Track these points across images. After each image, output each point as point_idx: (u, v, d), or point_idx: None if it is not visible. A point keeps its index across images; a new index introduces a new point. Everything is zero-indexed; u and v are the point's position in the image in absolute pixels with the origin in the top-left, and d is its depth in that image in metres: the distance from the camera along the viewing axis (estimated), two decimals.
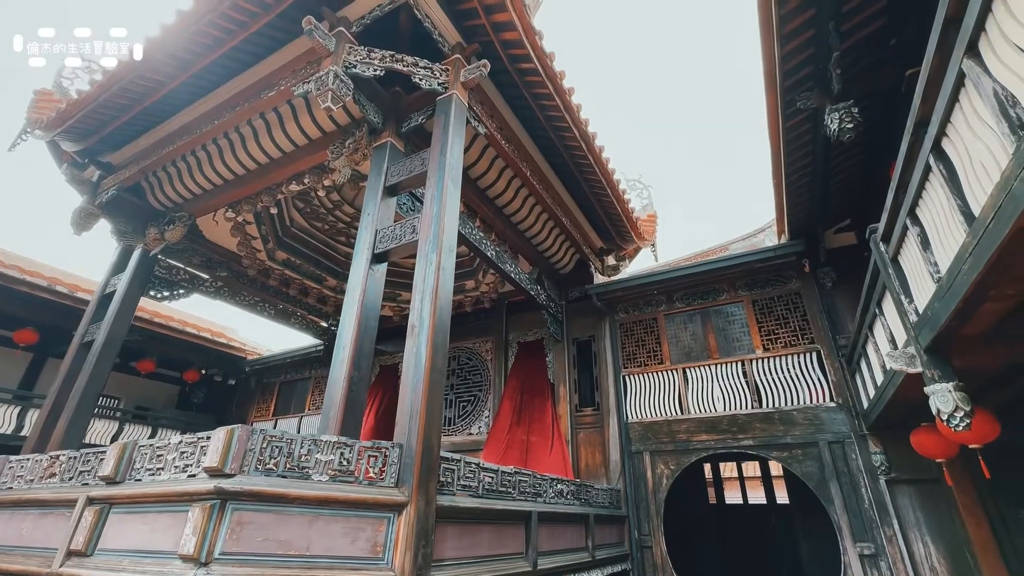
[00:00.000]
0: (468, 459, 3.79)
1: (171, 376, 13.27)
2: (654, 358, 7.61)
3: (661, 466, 6.84)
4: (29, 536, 3.65)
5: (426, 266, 3.87)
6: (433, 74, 4.73)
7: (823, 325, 6.58)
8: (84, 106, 5.73)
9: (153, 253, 6.75)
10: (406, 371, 3.54)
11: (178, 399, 13.85)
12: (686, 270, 7.45)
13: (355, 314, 4.03)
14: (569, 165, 6.69)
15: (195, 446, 3.13)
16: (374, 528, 2.95)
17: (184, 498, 2.87)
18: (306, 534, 2.84)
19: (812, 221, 6.40)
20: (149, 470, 3.29)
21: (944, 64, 2.09)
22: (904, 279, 3.28)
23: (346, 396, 3.71)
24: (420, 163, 4.56)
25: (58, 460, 4.00)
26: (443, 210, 4.08)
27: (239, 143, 5.99)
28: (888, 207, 3.18)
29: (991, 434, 3.57)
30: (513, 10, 4.69)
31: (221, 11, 4.53)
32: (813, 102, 4.35)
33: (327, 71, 4.33)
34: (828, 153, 5.15)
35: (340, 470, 3.06)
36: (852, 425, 5.94)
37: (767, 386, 6.62)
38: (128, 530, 3.08)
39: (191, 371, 11.70)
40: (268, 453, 2.96)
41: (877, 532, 5.43)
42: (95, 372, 6.14)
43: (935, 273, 2.69)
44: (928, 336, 2.98)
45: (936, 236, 2.64)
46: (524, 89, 5.49)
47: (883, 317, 4.06)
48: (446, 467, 3.54)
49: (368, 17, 4.66)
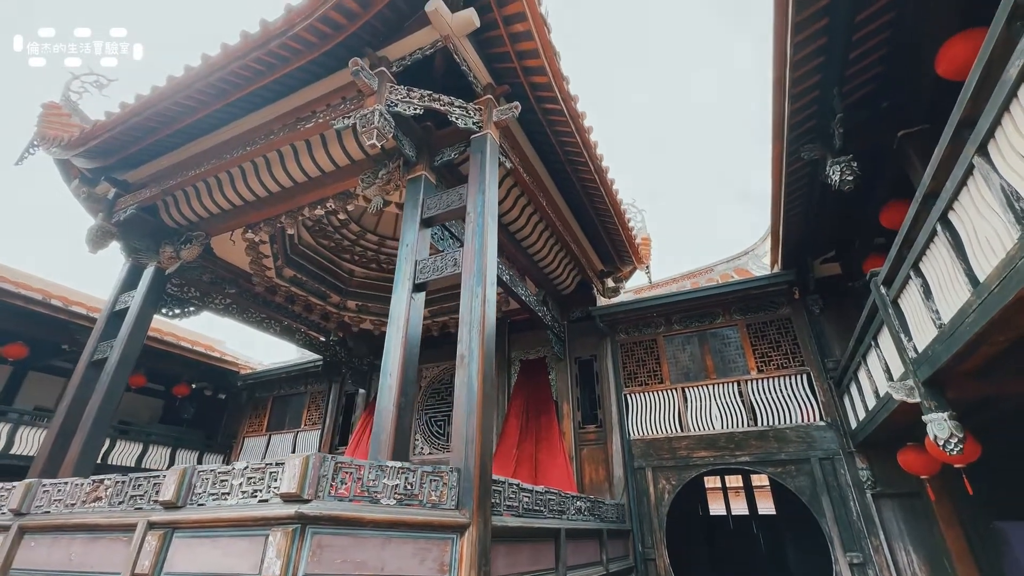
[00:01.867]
0: (510, 480, 4.05)
1: (155, 390, 13.00)
2: (654, 377, 8.01)
3: (663, 481, 7.20)
4: (80, 561, 3.70)
5: (471, 299, 4.13)
6: (468, 113, 5.03)
7: (812, 349, 7.11)
8: (111, 128, 5.77)
9: (169, 272, 6.77)
10: (458, 399, 3.78)
11: (162, 413, 13.54)
12: (685, 295, 7.91)
13: (400, 342, 4.25)
14: (580, 194, 7.07)
15: (264, 472, 3.29)
16: (440, 549, 3.18)
17: (261, 522, 3.04)
18: (380, 555, 3.04)
19: (803, 252, 6.94)
20: (212, 495, 3.42)
21: (956, 154, 2.52)
22: (904, 320, 3.73)
23: (396, 422, 3.91)
24: (458, 198, 4.83)
25: (102, 484, 4.05)
26: (485, 246, 4.36)
27: (264, 167, 6.13)
28: (892, 257, 3.64)
29: (974, 454, 4.06)
30: (544, 57, 5.04)
31: (268, 48, 4.73)
32: (816, 153, 4.83)
33: (372, 109, 4.58)
34: (823, 195, 5.67)
35: (405, 494, 3.28)
36: (841, 443, 6.44)
37: (761, 405, 7.08)
38: (197, 554, 3.21)
39: (181, 385, 11.51)
40: (339, 479, 3.16)
41: (865, 542, 5.90)
42: (109, 391, 6.11)
43: (936, 320, 3.13)
44: (927, 372, 3.42)
45: (938, 288, 3.08)
46: (547, 127, 5.85)
47: (879, 349, 4.53)
48: (494, 488, 3.78)
49: (409, 59, 4.94)
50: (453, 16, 4.62)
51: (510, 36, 4.99)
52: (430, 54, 4.90)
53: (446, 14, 4.54)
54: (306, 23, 4.55)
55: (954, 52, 3.45)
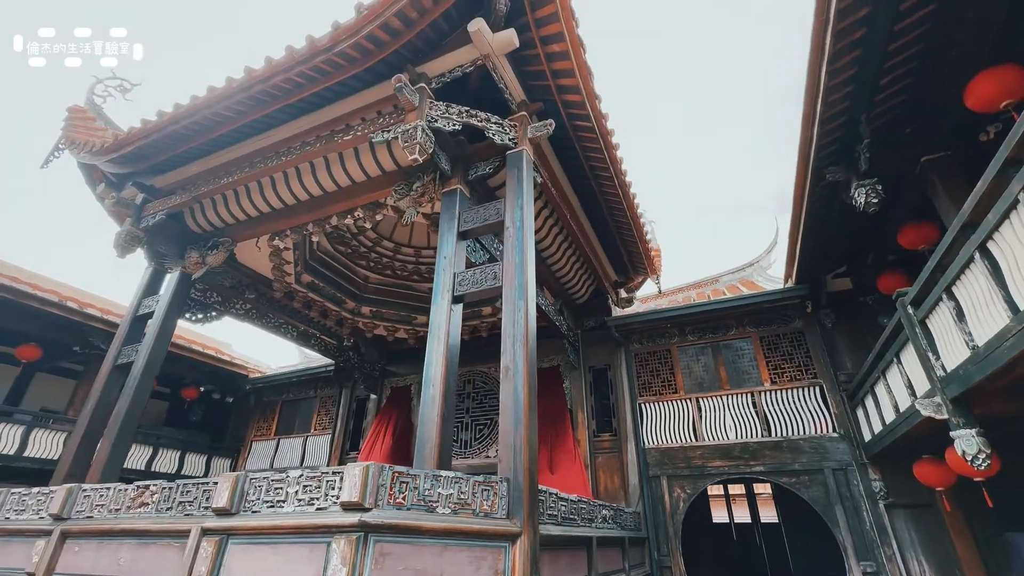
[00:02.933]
0: (549, 489, 4.16)
1: (161, 392, 12.94)
2: (668, 387, 8.15)
3: (678, 490, 7.33)
4: (130, 567, 3.75)
5: (514, 312, 4.25)
6: (504, 130, 5.17)
7: (825, 362, 7.29)
8: (147, 135, 5.84)
9: (195, 277, 6.81)
10: (504, 410, 3.89)
11: (167, 415, 13.49)
12: (700, 307, 8.07)
13: (442, 353, 4.35)
14: (601, 206, 7.22)
15: (320, 480, 3.38)
16: (494, 557, 3.28)
17: (322, 530, 3.12)
18: (438, 563, 3.14)
19: (817, 268, 7.14)
20: (267, 502, 3.50)
21: (999, 189, 2.68)
22: (932, 339, 3.90)
23: (440, 432, 4.01)
24: (495, 212, 4.96)
25: (147, 490, 4.11)
26: (525, 261, 4.49)
27: (294, 176, 6.21)
28: (923, 280, 3.80)
29: (994, 468, 4.23)
30: (579, 76, 5.20)
31: (313, 64, 4.84)
32: (839, 175, 5.02)
33: (415, 125, 4.70)
34: (841, 214, 5.86)
35: (459, 503, 3.37)
36: (853, 454, 6.61)
37: (775, 416, 7.25)
38: (255, 560, 3.28)
39: (189, 388, 11.49)
40: (397, 488, 3.26)
41: (878, 552, 6.06)
42: (136, 395, 6.14)
43: (969, 341, 3.29)
44: (956, 390, 3.59)
45: (972, 312, 3.24)
46: (576, 143, 5.99)
47: (901, 366, 4.70)
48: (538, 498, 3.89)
49: (449, 76, 5.07)
50: (494, 36, 4.76)
51: (546, 55, 5.15)
52: (469, 71, 5.03)
53: (487, 34, 4.68)
54: (351, 40, 4.67)
55: (983, 87, 3.64)
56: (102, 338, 9.38)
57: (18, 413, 8.84)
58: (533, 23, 4.93)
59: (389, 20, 4.58)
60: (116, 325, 9.22)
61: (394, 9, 4.52)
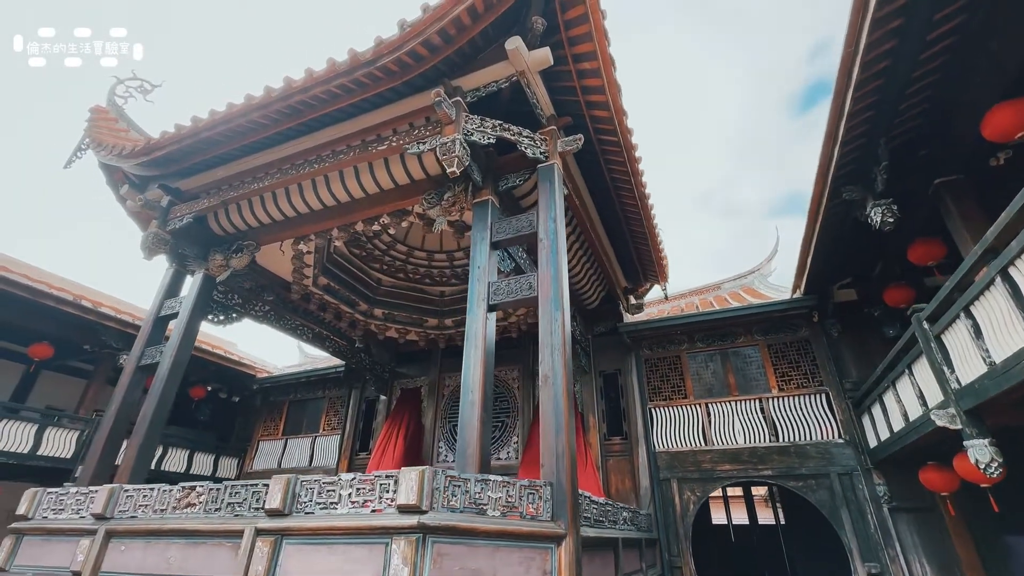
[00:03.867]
0: (584, 493, 4.33)
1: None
2: (678, 392, 8.38)
3: (688, 493, 7.55)
4: (181, 565, 3.86)
5: (551, 323, 4.42)
6: (535, 143, 5.33)
7: (831, 370, 7.56)
8: (179, 140, 5.92)
9: (220, 279, 6.89)
10: (545, 417, 4.06)
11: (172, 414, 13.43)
12: (710, 315, 8.31)
13: (480, 359, 4.50)
14: (619, 215, 7.41)
15: (373, 484, 3.54)
16: (542, 558, 3.44)
17: (380, 531, 3.28)
18: (491, 563, 3.30)
19: (825, 280, 7.39)
20: (320, 504, 3.64)
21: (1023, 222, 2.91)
22: (947, 354, 4.14)
23: (480, 435, 4.17)
24: (528, 224, 5.12)
25: (194, 491, 4.22)
26: (560, 273, 4.66)
27: (323, 182, 6.32)
28: (940, 298, 4.04)
29: (1002, 476, 4.48)
30: (609, 93, 5.39)
31: (354, 76, 4.97)
32: (857, 195, 5.26)
33: (453, 139, 4.86)
34: (853, 230, 6.10)
35: (508, 506, 3.54)
36: (859, 460, 6.87)
37: (782, 422, 7.50)
38: (312, 560, 3.42)
39: (197, 387, 11.49)
40: (450, 491, 3.41)
41: (882, 554, 6.33)
42: (163, 397, 6.23)
43: (987, 358, 3.53)
44: (971, 402, 3.82)
45: (990, 331, 3.47)
46: (600, 155, 6.18)
47: (912, 377, 4.95)
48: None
49: (484, 90, 5.22)
50: (530, 54, 4.92)
51: (577, 72, 5.33)
52: (504, 87, 5.19)
53: (524, 52, 4.85)
54: (393, 56, 4.81)
55: (999, 119, 3.89)
56: (114, 337, 9.40)
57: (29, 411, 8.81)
58: (566, 41, 5.11)
59: (430, 37, 4.73)
60: (128, 324, 9.28)
61: (436, 27, 4.67)
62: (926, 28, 3.77)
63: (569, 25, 5.02)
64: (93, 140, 7.00)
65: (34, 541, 4.70)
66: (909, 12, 3.68)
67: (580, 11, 4.89)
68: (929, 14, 3.68)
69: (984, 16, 3.73)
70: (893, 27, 3.77)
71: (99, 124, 7.27)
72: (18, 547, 4.75)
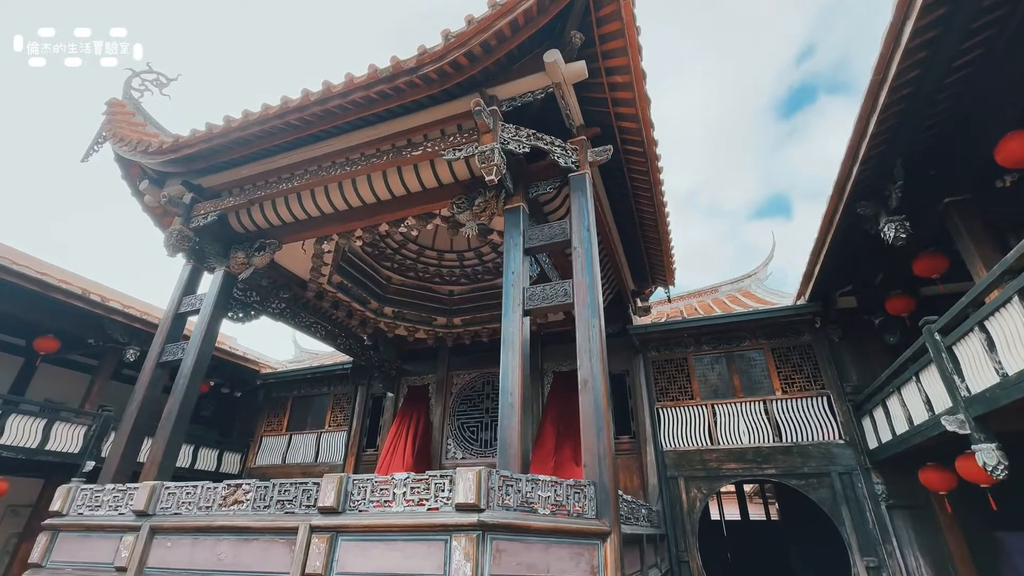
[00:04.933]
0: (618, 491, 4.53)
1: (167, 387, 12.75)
2: (685, 394, 8.66)
3: (694, 490, 7.84)
4: (233, 560, 3.95)
5: (588, 329, 4.60)
6: (567, 152, 5.50)
7: (832, 374, 7.90)
8: (208, 139, 5.95)
9: (243, 277, 6.91)
10: (587, 420, 4.25)
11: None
12: (717, 319, 8.60)
13: (518, 364, 4.66)
14: (634, 220, 7.62)
15: (428, 483, 3.69)
16: (590, 553, 3.64)
17: (439, 528, 3.43)
18: (544, 559, 3.48)
19: (829, 287, 7.72)
20: (373, 502, 3.78)
21: None
22: (957, 364, 4.44)
23: (520, 437, 4.34)
24: (561, 231, 5.29)
25: (240, 489, 4.31)
26: (595, 280, 4.84)
27: (350, 184, 6.39)
28: (954, 312, 4.33)
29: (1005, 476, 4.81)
30: (638, 106, 5.58)
31: (394, 84, 5.07)
32: (870, 210, 5.54)
33: (491, 147, 5.00)
34: (862, 242, 6.41)
35: (556, 504, 3.72)
36: (858, 460, 7.23)
37: (785, 423, 7.83)
38: (371, 556, 3.56)
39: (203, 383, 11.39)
40: (503, 491, 3.58)
41: (880, 548, 6.69)
42: (187, 394, 6.25)
43: (999, 369, 3.82)
44: (980, 409, 4.13)
45: (1004, 345, 3.76)
46: (624, 164, 6.38)
47: (919, 384, 5.27)
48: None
49: (519, 100, 5.36)
50: (567, 66, 5.08)
51: (609, 85, 5.51)
52: (540, 97, 5.34)
53: (561, 65, 5.01)
54: (436, 65, 4.92)
55: (1012, 147, 4.18)
56: (120, 331, 9.32)
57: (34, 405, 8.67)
58: (600, 55, 5.28)
59: (473, 48, 4.85)
60: (136, 319, 9.21)
61: (480, 39, 4.80)
62: (950, 58, 4.03)
63: (604, 39, 5.20)
64: (113, 134, 6.94)
65: (71, 537, 4.72)
66: (935, 45, 3.94)
67: (616, 27, 5.07)
68: (955, 46, 3.93)
69: (1003, 47, 4.00)
70: (919, 58, 4.03)
71: (117, 118, 7.21)
72: (54, 543, 4.77)
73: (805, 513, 9.05)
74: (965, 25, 3.78)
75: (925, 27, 3.74)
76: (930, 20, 3.69)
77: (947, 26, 3.77)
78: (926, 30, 3.77)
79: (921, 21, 3.66)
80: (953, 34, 3.83)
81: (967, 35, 3.89)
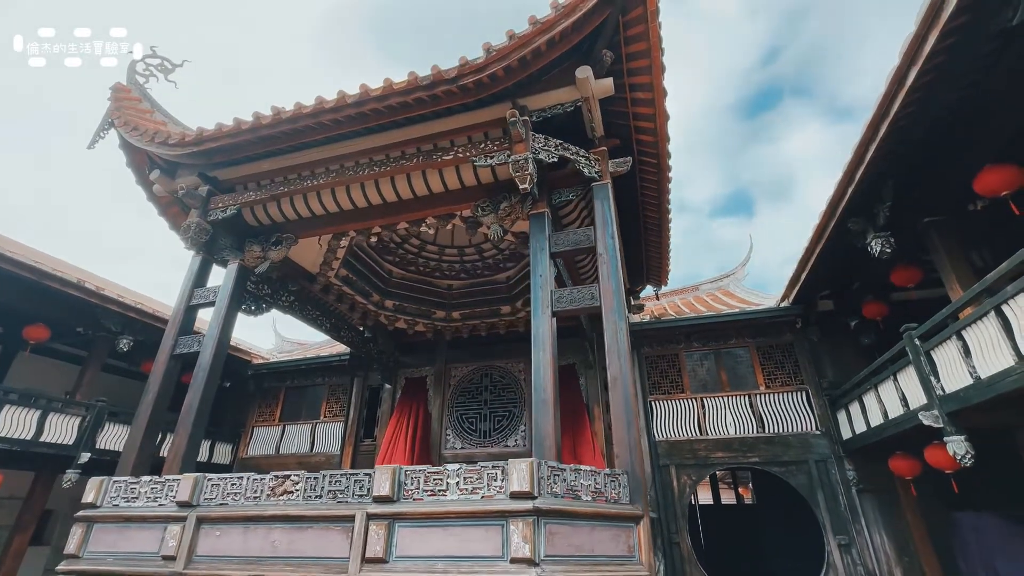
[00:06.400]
0: None
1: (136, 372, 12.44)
2: (676, 388, 9.24)
3: (684, 477, 8.44)
4: (288, 547, 4.17)
5: (616, 331, 4.98)
6: (590, 163, 5.83)
7: (811, 371, 8.62)
8: (234, 135, 5.96)
9: (259, 270, 6.94)
10: (617, 415, 4.63)
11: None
12: (707, 319, 9.19)
13: (549, 362, 5.00)
14: (639, 224, 8.02)
15: (480, 473, 4.02)
16: (627, 535, 4.04)
17: (494, 515, 3.77)
18: (589, 540, 3.86)
19: (811, 292, 8.40)
20: (427, 491, 4.08)
21: (1019, 274, 3.75)
22: (934, 367, 5.07)
23: (554, 431, 4.69)
24: (585, 238, 5.63)
25: (288, 480, 4.50)
26: (620, 285, 5.22)
27: (373, 184, 6.51)
28: (935, 321, 4.95)
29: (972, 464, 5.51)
30: (657, 122, 5.95)
31: (432, 92, 5.25)
32: (859, 226, 6.13)
33: (525, 157, 5.28)
34: (845, 253, 7.03)
35: (596, 492, 4.10)
36: (832, 449, 7.97)
37: (768, 415, 8.51)
38: (429, 540, 3.87)
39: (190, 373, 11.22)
40: (551, 480, 3.94)
41: (850, 528, 7.45)
42: (207, 387, 6.30)
43: (973, 372, 4.43)
44: (953, 406, 4.76)
45: (979, 352, 4.37)
46: (636, 173, 6.74)
47: (897, 382, 5.93)
48: None
49: (549, 111, 5.64)
50: (596, 82, 5.40)
51: (632, 100, 5.86)
52: (569, 110, 5.63)
53: (592, 81, 5.32)
54: (475, 77, 5.14)
55: (989, 179, 4.79)
56: (114, 321, 9.11)
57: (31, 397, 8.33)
58: (626, 72, 5.62)
59: (511, 63, 5.10)
60: (132, 308, 9.04)
61: (519, 54, 5.05)
62: (943, 98, 4.57)
63: (630, 58, 5.53)
64: (123, 122, 6.81)
65: (109, 528, 4.80)
66: (931, 88, 4.46)
67: (642, 47, 5.41)
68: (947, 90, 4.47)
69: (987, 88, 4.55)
70: (916, 98, 4.54)
71: (123, 104, 7.07)
72: (90, 534, 4.83)
73: (780, 497, 9.86)
74: (958, 73, 4.30)
75: (925, 71, 4.24)
76: (930, 67, 4.19)
77: (941, 73, 4.28)
78: (926, 74, 4.27)
79: (923, 66, 4.15)
80: (947, 80, 4.36)
81: (958, 80, 4.42)
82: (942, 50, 3.99)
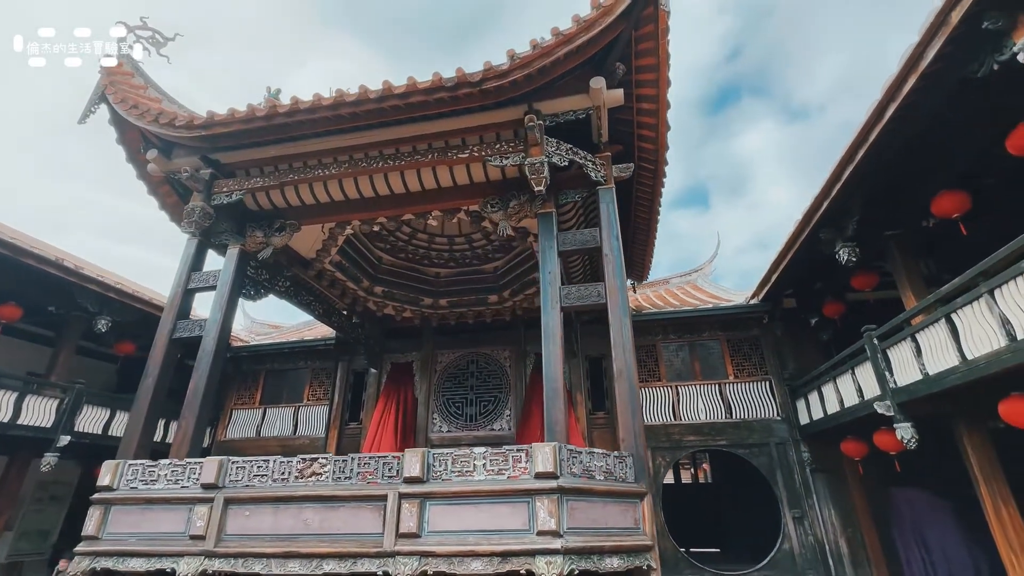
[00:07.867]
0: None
1: (107, 354, 12.03)
2: (653, 376, 9.90)
3: (659, 459, 9.15)
4: (320, 525, 4.42)
5: (621, 327, 5.43)
6: (596, 167, 6.20)
7: (774, 363, 9.47)
8: (248, 121, 5.94)
9: (263, 255, 6.94)
10: (623, 404, 5.10)
11: (117, 379, 12.63)
12: (683, 313, 9.87)
13: (558, 355, 5.39)
14: (630, 223, 8.48)
15: (505, 456, 4.40)
16: (634, 509, 4.55)
17: (520, 493, 4.18)
18: (602, 514, 4.34)
19: (779, 291, 9.19)
20: (455, 472, 4.42)
21: (971, 286, 4.43)
22: (889, 363, 5.83)
23: (564, 418, 5.11)
24: (592, 238, 6.01)
25: (316, 462, 4.73)
26: (624, 284, 5.66)
27: (381, 176, 6.63)
28: (893, 324, 5.68)
29: (902, 446, 6.38)
30: (659, 131, 6.38)
31: (455, 93, 5.45)
32: (829, 236, 6.83)
33: (540, 160, 5.60)
34: (811, 258, 7.78)
35: (607, 472, 4.57)
36: (791, 433, 8.86)
37: (736, 403, 9.31)
38: (460, 516, 4.24)
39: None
40: (569, 461, 4.37)
41: (804, 503, 8.37)
42: (211, 372, 6.33)
43: (922, 369, 5.18)
44: (904, 398, 5.53)
45: (929, 352, 5.11)
46: (634, 176, 7.16)
47: (854, 375, 6.72)
48: None
49: (561, 117, 5.94)
50: (608, 92, 5.75)
51: (637, 110, 6.26)
52: (581, 117, 5.95)
53: (604, 91, 5.67)
54: (497, 82, 5.38)
55: (944, 202, 5.51)
56: (92, 301, 8.81)
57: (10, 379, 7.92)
58: (634, 83, 6.00)
59: (532, 70, 5.36)
60: (112, 288, 8.77)
61: (540, 63, 5.32)
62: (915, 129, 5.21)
63: (638, 71, 5.92)
64: (118, 97, 6.61)
65: (129, 510, 4.87)
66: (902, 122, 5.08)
67: (651, 61, 5.80)
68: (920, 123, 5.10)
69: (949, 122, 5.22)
70: (891, 128, 5.15)
71: (116, 78, 6.86)
72: (108, 516, 4.88)
73: (737, 476, 10.81)
74: (927, 109, 4.93)
75: (902, 106, 4.83)
76: (906, 103, 4.79)
77: (914, 108, 4.89)
78: (902, 109, 4.86)
79: (901, 102, 4.74)
80: (917, 115, 4.98)
81: (925, 115, 5.06)
82: (918, 89, 4.58)
